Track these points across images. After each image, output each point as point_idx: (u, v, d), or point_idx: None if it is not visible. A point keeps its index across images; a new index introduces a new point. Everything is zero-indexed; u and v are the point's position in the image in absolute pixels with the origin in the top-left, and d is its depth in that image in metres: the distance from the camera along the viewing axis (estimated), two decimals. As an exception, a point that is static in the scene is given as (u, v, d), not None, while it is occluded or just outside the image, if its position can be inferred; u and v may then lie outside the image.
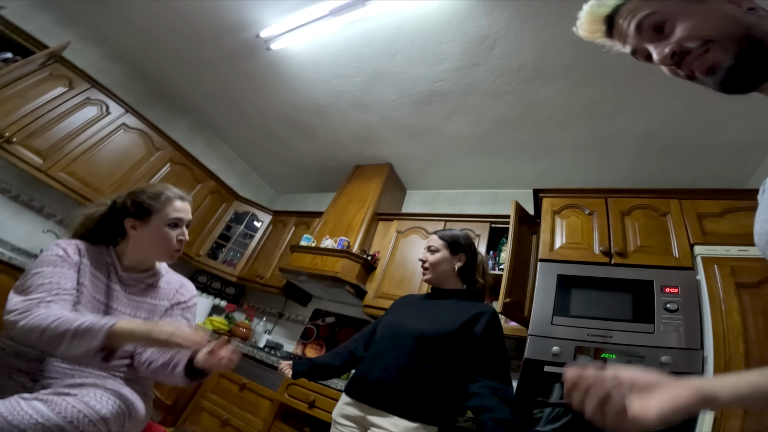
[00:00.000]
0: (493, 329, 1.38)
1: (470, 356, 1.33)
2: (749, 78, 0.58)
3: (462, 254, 1.59)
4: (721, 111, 2.16)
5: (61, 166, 2.75)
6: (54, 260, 1.09)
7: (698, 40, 0.59)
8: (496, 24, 2.14)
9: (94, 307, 1.12)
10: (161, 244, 1.23)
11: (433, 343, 1.35)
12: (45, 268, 1.06)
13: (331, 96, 3.06)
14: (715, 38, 0.58)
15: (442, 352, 1.33)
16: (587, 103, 2.40)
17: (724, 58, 0.58)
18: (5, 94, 2.51)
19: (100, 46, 3.31)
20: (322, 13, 2.34)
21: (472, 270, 1.60)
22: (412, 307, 1.58)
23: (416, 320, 1.46)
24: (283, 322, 3.72)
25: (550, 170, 3.02)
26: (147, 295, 1.25)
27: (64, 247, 1.13)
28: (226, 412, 2.44)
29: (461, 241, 1.61)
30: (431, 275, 1.59)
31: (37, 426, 0.82)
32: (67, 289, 1.05)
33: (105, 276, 1.18)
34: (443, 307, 1.49)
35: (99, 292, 1.15)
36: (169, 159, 3.42)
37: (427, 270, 1.59)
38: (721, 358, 1.53)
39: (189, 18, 2.74)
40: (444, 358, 1.33)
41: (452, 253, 1.58)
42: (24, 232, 2.87)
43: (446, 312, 1.45)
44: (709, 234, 1.89)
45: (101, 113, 3.00)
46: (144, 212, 1.22)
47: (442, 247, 1.59)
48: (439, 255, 1.58)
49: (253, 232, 4.02)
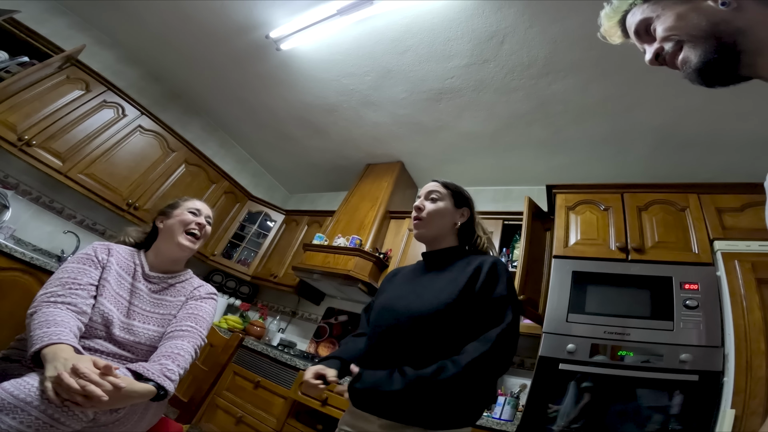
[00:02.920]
0: (494, 276, 1.09)
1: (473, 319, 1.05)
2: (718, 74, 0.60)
3: (466, 209, 1.31)
4: (740, 105, 2.10)
5: (80, 168, 2.82)
6: (80, 258, 1.23)
7: (670, 40, 0.62)
8: (505, 20, 2.12)
9: (116, 301, 1.21)
10: (179, 225, 1.36)
11: (434, 322, 1.05)
12: (70, 265, 1.20)
13: (342, 95, 3.07)
14: (684, 38, 0.61)
15: (447, 332, 1.04)
16: (601, 98, 2.36)
17: (693, 56, 0.60)
18: (24, 97, 2.58)
19: (115, 49, 3.38)
20: (331, 13, 2.35)
21: (472, 229, 1.32)
22: (403, 283, 1.28)
23: (409, 298, 1.17)
24: (296, 320, 3.75)
25: (564, 166, 2.98)
26: (167, 294, 1.34)
27: (95, 247, 1.28)
28: (240, 410, 2.47)
29: (465, 193, 1.34)
30: (426, 229, 1.26)
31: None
32: (82, 284, 1.15)
33: (130, 276, 1.29)
34: (440, 274, 1.19)
35: (122, 289, 1.25)
36: (184, 160, 3.47)
37: (421, 222, 1.26)
38: (743, 355, 1.49)
39: (200, 20, 2.78)
40: (452, 337, 1.03)
41: (456, 206, 1.29)
42: (45, 233, 2.95)
43: (443, 278, 1.16)
44: (729, 229, 1.84)
45: (118, 116, 3.07)
46: (171, 208, 1.42)
47: (445, 197, 1.28)
48: (442, 205, 1.26)
49: (267, 232, 4.06)
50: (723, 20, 0.58)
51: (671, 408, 1.56)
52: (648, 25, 0.66)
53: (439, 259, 1.26)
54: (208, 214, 1.47)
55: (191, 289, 1.40)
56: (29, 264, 2.28)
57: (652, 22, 0.65)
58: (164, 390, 1.02)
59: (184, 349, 1.16)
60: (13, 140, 2.50)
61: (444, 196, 1.28)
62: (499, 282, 1.08)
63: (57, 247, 2.95)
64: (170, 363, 1.08)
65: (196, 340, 1.23)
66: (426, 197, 1.29)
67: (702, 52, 0.59)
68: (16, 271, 2.24)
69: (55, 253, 2.92)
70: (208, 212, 1.47)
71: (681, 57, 0.62)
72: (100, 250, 1.28)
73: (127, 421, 1.05)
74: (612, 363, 1.72)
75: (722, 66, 0.59)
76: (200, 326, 1.28)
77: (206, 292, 1.41)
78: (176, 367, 1.09)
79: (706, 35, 0.59)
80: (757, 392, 1.41)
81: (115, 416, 0.98)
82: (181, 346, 1.16)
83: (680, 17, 0.61)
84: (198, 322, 1.28)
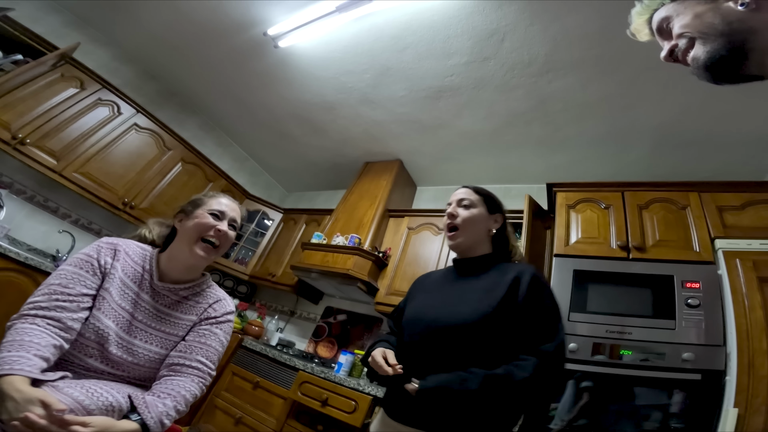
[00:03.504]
0: (538, 290, 1.06)
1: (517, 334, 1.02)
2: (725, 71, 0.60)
3: (499, 215, 1.26)
4: (741, 103, 2.10)
5: (75, 166, 2.78)
6: (79, 261, 1.08)
7: (684, 37, 0.63)
8: (506, 18, 2.10)
9: (116, 314, 1.07)
10: (195, 230, 1.17)
11: (471, 332, 1.02)
12: (66, 268, 1.06)
13: (341, 93, 3.04)
14: (696, 35, 0.61)
15: (486, 343, 1.01)
16: (601, 96, 2.35)
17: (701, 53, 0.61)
18: (18, 96, 2.55)
19: (111, 47, 3.34)
20: (329, 10, 2.33)
21: (506, 236, 1.26)
22: (435, 290, 1.24)
23: (443, 308, 1.12)
24: (294, 320, 3.73)
25: (564, 165, 2.97)
26: (176, 309, 1.18)
27: (99, 248, 1.13)
28: (239, 411, 2.46)
29: (497, 199, 1.29)
30: (462, 238, 1.21)
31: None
32: (72, 295, 1.01)
33: (136, 285, 1.13)
34: (474, 282, 1.15)
35: (125, 300, 1.10)
36: (181, 158, 3.44)
37: (457, 231, 1.21)
38: (745, 354, 1.49)
39: (197, 17, 2.75)
40: (490, 348, 1.01)
41: (489, 212, 1.25)
42: (40, 232, 2.91)
43: (478, 288, 1.11)
44: (730, 227, 1.84)
45: (113, 114, 3.03)
46: (193, 206, 1.24)
47: (478, 203, 1.24)
48: (476, 211, 1.22)
49: (265, 231, 4.03)
50: (738, 19, 0.58)
51: (671, 407, 1.56)
52: (668, 23, 0.66)
53: (473, 266, 1.21)
54: (234, 217, 1.26)
55: (206, 306, 1.22)
56: (24, 264, 2.25)
57: (671, 20, 0.65)
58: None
59: (190, 391, 1.05)
60: (7, 139, 2.47)
61: (476, 202, 1.24)
62: (544, 295, 1.07)
63: (52, 247, 2.92)
64: (170, 403, 0.99)
65: (204, 380, 1.11)
66: (458, 204, 1.24)
67: (711, 48, 0.59)
68: (10, 272, 2.22)
69: (50, 252, 2.88)
70: (234, 214, 1.26)
71: (691, 54, 0.62)
72: (104, 252, 1.12)
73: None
74: (613, 362, 1.71)
75: (729, 63, 0.59)
76: (211, 362, 1.14)
77: (223, 312, 1.24)
78: (174, 411, 0.99)
79: (718, 33, 0.59)
80: (759, 391, 1.41)
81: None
82: (188, 388, 1.05)
83: (697, 16, 0.61)
84: (209, 358, 1.14)
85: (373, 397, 2.05)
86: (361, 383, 2.16)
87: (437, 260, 2.81)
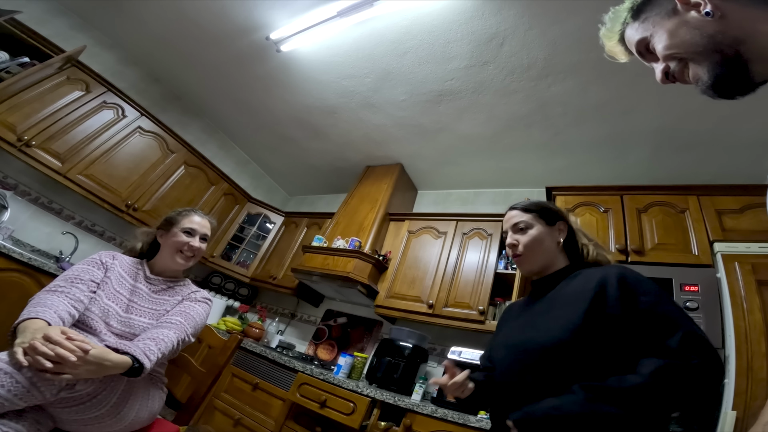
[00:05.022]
0: (629, 290, 0.91)
1: (622, 342, 0.87)
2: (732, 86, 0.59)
3: (561, 222, 1.16)
4: (740, 106, 2.10)
5: (79, 168, 2.81)
6: (86, 261, 1.37)
7: (673, 59, 0.62)
8: (505, 22, 2.12)
9: (116, 297, 1.32)
10: (174, 246, 1.46)
11: (560, 352, 0.90)
12: (76, 266, 1.33)
13: (342, 97, 3.07)
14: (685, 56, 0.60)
15: (581, 359, 0.88)
16: (601, 100, 2.36)
17: (702, 73, 0.59)
18: (24, 98, 2.58)
19: (116, 50, 3.39)
20: (331, 14, 2.35)
21: (575, 240, 1.16)
22: (518, 315, 1.16)
23: (527, 331, 1.04)
24: (295, 322, 3.74)
25: (564, 168, 2.98)
26: (165, 293, 1.45)
27: (101, 253, 1.42)
28: (238, 412, 2.46)
29: (552, 207, 1.19)
30: (530, 264, 1.13)
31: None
32: (83, 279, 1.27)
33: (132, 278, 1.41)
34: (556, 299, 1.04)
35: (122, 288, 1.36)
36: (184, 161, 3.47)
37: (523, 258, 1.13)
38: (743, 357, 1.49)
39: (201, 21, 2.79)
40: (589, 364, 0.87)
41: (549, 225, 1.15)
42: (43, 234, 2.94)
43: (559, 303, 1.02)
44: (729, 231, 1.84)
45: (117, 117, 3.07)
46: (169, 224, 1.50)
47: (533, 221, 1.15)
48: (535, 232, 1.13)
49: (266, 234, 4.05)
50: (718, 32, 0.57)
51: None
52: (647, 45, 0.66)
53: (549, 283, 1.11)
54: (204, 233, 1.53)
55: (188, 292, 1.50)
56: (27, 265, 2.27)
57: (650, 41, 0.65)
58: (139, 363, 1.07)
59: (168, 336, 1.23)
60: (12, 141, 2.50)
61: (531, 221, 1.15)
62: (640, 292, 0.91)
63: (55, 248, 2.94)
64: (151, 344, 1.15)
65: (180, 333, 1.29)
66: (514, 230, 1.16)
67: (709, 67, 0.58)
68: (14, 272, 2.24)
69: (53, 254, 2.91)
70: (204, 231, 1.53)
71: (691, 74, 0.61)
72: (105, 255, 1.42)
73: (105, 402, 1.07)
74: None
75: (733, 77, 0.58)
76: (188, 323, 1.35)
77: (201, 296, 1.51)
78: (156, 349, 1.15)
79: (706, 50, 0.58)
80: (758, 394, 1.40)
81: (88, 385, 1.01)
82: (165, 334, 1.23)
83: (672, 34, 0.61)
84: (187, 319, 1.35)
85: (371, 399, 2.05)
86: (360, 385, 2.16)
87: (437, 264, 2.82)
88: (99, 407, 1.07)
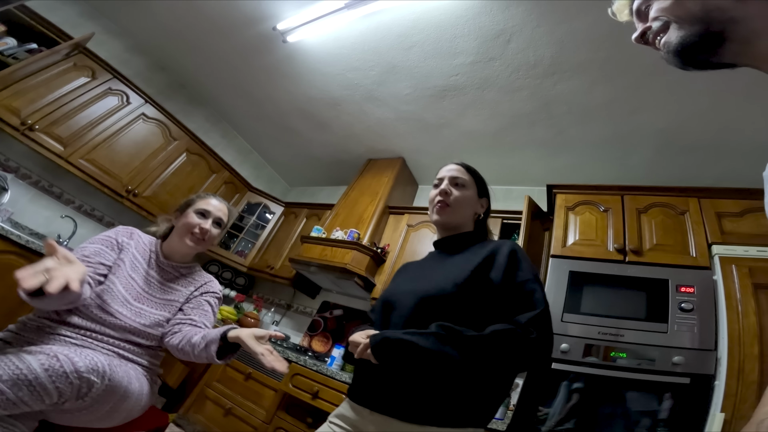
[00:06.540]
0: (514, 264, 1.01)
1: (492, 305, 0.96)
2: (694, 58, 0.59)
3: (486, 199, 1.25)
4: (745, 109, 2.10)
5: (81, 153, 2.81)
6: (100, 239, 1.35)
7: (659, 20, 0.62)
8: (513, 18, 2.12)
9: (127, 283, 1.30)
10: (184, 227, 1.43)
11: (440, 304, 0.97)
12: (89, 246, 1.31)
13: (346, 89, 3.07)
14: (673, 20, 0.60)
15: (458, 314, 0.95)
16: (606, 100, 2.36)
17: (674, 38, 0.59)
18: (30, 83, 2.58)
19: (123, 38, 3.38)
20: (338, 6, 2.35)
21: (485, 222, 1.27)
22: (414, 270, 1.22)
23: (416, 282, 1.09)
24: (291, 313, 3.75)
25: (565, 167, 2.98)
26: (177, 282, 1.44)
27: (118, 230, 1.42)
28: (230, 402, 2.47)
29: (486, 183, 1.28)
30: (450, 216, 1.18)
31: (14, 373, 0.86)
32: (92, 263, 1.25)
33: (145, 262, 1.39)
34: (452, 258, 1.12)
35: (135, 273, 1.34)
36: (186, 149, 3.47)
37: (448, 208, 1.17)
38: (735, 359, 1.50)
39: (209, 11, 2.78)
40: (463, 320, 0.93)
41: (479, 196, 1.23)
42: (42, 217, 2.94)
43: (456, 261, 1.09)
44: (728, 234, 1.85)
45: (122, 103, 3.07)
46: (186, 206, 1.49)
47: (470, 185, 1.21)
48: (468, 193, 1.19)
49: (265, 223, 4.06)
50: (718, 8, 0.56)
51: (660, 413, 1.56)
52: (648, 5, 0.65)
53: (453, 244, 1.19)
54: (219, 217, 1.49)
55: (202, 282, 1.50)
56: (25, 247, 2.28)
57: (651, 2, 0.64)
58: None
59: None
60: (16, 124, 2.50)
61: (469, 183, 1.21)
62: (521, 267, 1.00)
63: (54, 232, 2.95)
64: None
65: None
66: (451, 182, 1.20)
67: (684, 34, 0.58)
68: (11, 254, 2.24)
69: (51, 238, 2.91)
70: (219, 214, 1.49)
71: (663, 39, 0.61)
72: (122, 232, 1.41)
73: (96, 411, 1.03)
74: (604, 364, 1.72)
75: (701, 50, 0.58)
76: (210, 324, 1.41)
77: (217, 288, 1.53)
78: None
79: (695, 20, 0.58)
80: (747, 396, 1.41)
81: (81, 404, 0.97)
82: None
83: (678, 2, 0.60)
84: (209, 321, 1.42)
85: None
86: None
87: (436, 258, 2.82)
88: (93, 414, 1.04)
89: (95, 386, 0.96)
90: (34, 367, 0.87)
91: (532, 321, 0.89)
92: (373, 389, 0.98)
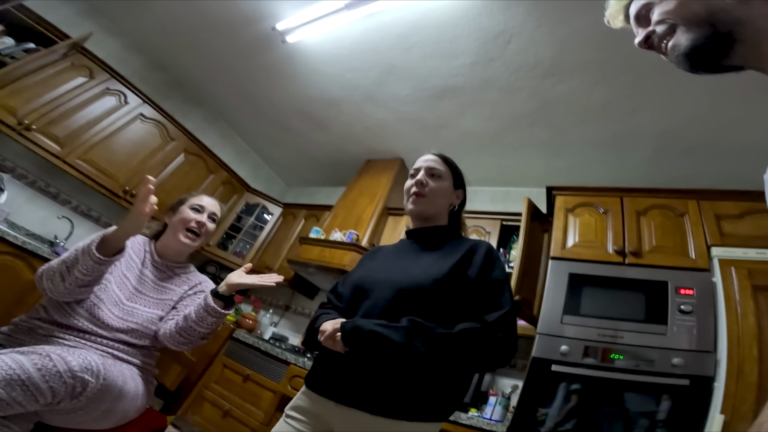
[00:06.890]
0: (490, 263, 1.04)
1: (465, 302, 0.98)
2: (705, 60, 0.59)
3: (461, 191, 1.25)
4: (746, 110, 2.10)
5: (78, 153, 2.79)
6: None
7: (664, 23, 0.61)
8: (513, 19, 2.12)
9: (121, 282, 1.31)
10: (180, 223, 1.44)
11: (416, 298, 0.98)
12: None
13: (345, 89, 3.06)
14: (678, 22, 0.59)
15: (433, 309, 0.96)
16: (605, 101, 2.36)
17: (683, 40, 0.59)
18: (27, 83, 2.56)
19: (121, 37, 3.36)
20: (338, 6, 2.34)
21: (460, 214, 1.26)
22: (387, 258, 1.20)
23: (393, 273, 1.07)
24: (289, 314, 3.74)
25: (565, 168, 2.98)
26: (171, 282, 1.45)
27: None
28: (228, 403, 2.46)
29: (462, 174, 1.27)
30: (426, 207, 1.18)
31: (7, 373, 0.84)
32: None
33: (140, 261, 1.40)
34: (428, 251, 1.12)
35: (130, 272, 1.35)
36: (184, 149, 3.46)
37: (424, 199, 1.16)
38: (735, 360, 1.50)
39: (207, 9, 2.76)
40: (438, 315, 0.95)
41: (455, 187, 1.23)
42: (39, 217, 2.92)
43: (433, 255, 1.09)
44: (727, 236, 1.85)
45: (119, 103, 3.05)
46: (178, 204, 1.51)
47: (446, 176, 1.21)
48: (444, 184, 1.19)
49: (263, 224, 4.04)
50: (722, 10, 0.56)
51: (658, 414, 1.56)
52: (649, 9, 0.65)
53: (429, 236, 1.18)
54: (213, 212, 1.52)
55: (196, 282, 1.50)
56: (21, 248, 2.26)
57: (653, 7, 0.64)
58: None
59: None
60: (12, 124, 2.48)
61: (445, 174, 1.21)
62: (496, 267, 1.04)
63: (50, 233, 2.93)
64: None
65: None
66: (427, 173, 1.19)
67: (694, 36, 0.58)
68: (6, 255, 2.22)
69: (48, 238, 2.90)
70: (213, 209, 1.52)
71: (671, 42, 0.61)
72: None
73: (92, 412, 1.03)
74: (604, 365, 1.72)
75: (711, 52, 0.58)
76: None
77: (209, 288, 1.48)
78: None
79: (701, 22, 0.57)
80: (747, 397, 1.42)
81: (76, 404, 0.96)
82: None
83: (682, 4, 0.59)
84: None
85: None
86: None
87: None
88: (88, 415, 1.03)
89: (90, 386, 0.95)
90: (27, 367, 0.87)
91: (499, 321, 0.92)
92: (339, 380, 0.95)
